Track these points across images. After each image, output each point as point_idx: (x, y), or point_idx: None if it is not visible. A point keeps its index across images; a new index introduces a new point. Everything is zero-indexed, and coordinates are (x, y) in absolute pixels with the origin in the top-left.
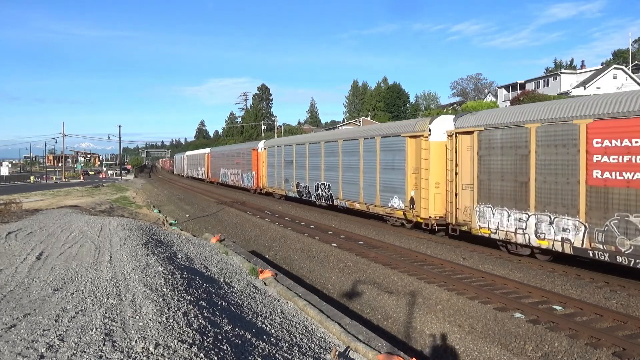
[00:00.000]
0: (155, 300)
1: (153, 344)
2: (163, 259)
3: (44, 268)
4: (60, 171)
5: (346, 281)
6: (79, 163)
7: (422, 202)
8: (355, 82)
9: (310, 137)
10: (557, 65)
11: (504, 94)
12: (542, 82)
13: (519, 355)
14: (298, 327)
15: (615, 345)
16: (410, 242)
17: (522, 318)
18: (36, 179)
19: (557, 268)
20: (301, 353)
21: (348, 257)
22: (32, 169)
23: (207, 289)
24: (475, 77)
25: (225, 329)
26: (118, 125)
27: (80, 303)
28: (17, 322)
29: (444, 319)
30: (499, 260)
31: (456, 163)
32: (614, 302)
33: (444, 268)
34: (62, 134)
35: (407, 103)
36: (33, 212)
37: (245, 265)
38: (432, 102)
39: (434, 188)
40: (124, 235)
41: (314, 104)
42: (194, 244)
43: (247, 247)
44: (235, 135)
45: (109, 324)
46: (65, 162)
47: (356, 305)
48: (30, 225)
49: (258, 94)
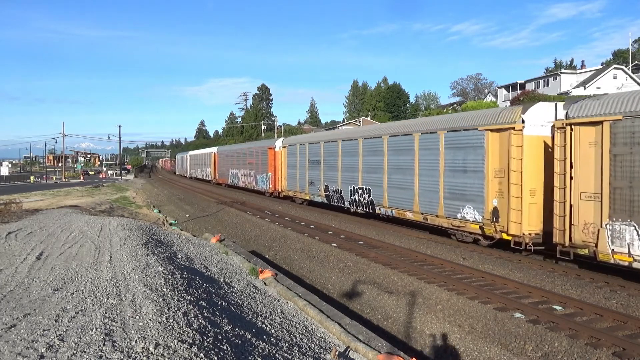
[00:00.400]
0: (155, 300)
1: (153, 344)
2: (163, 259)
3: (44, 268)
4: (60, 171)
5: (346, 281)
6: (79, 163)
7: (510, 214)
8: (355, 82)
9: (343, 133)
10: (557, 65)
11: (504, 94)
12: (542, 82)
13: (519, 355)
14: (298, 327)
15: (615, 345)
16: (410, 242)
17: (522, 318)
18: (36, 179)
19: (557, 268)
20: (301, 353)
21: (348, 257)
22: (32, 169)
23: (207, 289)
24: (475, 77)
25: (225, 329)
26: (118, 125)
27: (80, 303)
28: (17, 322)
29: (444, 319)
30: (499, 260)
31: (570, 164)
32: (614, 302)
33: (444, 268)
34: (62, 134)
35: (407, 103)
36: (33, 212)
37: (245, 265)
38: (432, 102)
39: (529, 196)
40: (124, 235)
41: (314, 104)
42: (194, 244)
43: (247, 247)
44: (235, 135)
45: (109, 324)
46: (65, 162)
47: (356, 305)
48: (30, 225)
49: (258, 94)
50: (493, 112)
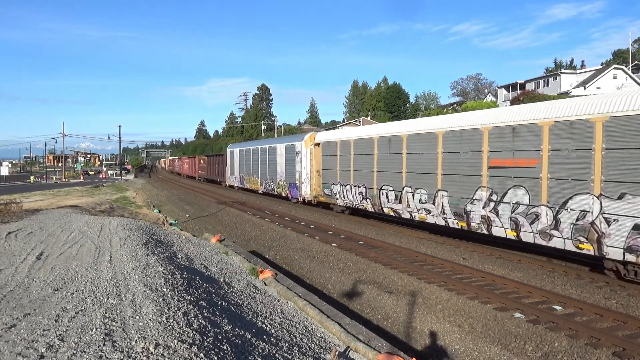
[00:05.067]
0: (155, 300)
1: (153, 344)
2: (163, 259)
3: (44, 268)
4: (60, 171)
5: (346, 281)
6: (79, 163)
7: None
8: (355, 82)
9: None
10: (557, 65)
11: (504, 94)
12: (542, 82)
13: (519, 355)
14: (298, 327)
15: (615, 345)
16: (410, 242)
17: (522, 318)
18: (36, 179)
19: (557, 268)
20: (301, 353)
21: (348, 257)
22: (32, 169)
23: (207, 289)
24: (475, 77)
25: (225, 329)
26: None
27: (80, 303)
28: (17, 322)
29: (444, 319)
30: (499, 261)
31: None
32: (614, 302)
33: (444, 268)
34: (62, 134)
35: (407, 103)
36: (33, 212)
37: (245, 265)
38: (432, 102)
39: None
40: (124, 235)
41: (314, 104)
42: (194, 244)
43: (247, 247)
44: (235, 135)
45: (109, 324)
46: (65, 162)
47: (356, 305)
48: (30, 225)
49: (258, 94)
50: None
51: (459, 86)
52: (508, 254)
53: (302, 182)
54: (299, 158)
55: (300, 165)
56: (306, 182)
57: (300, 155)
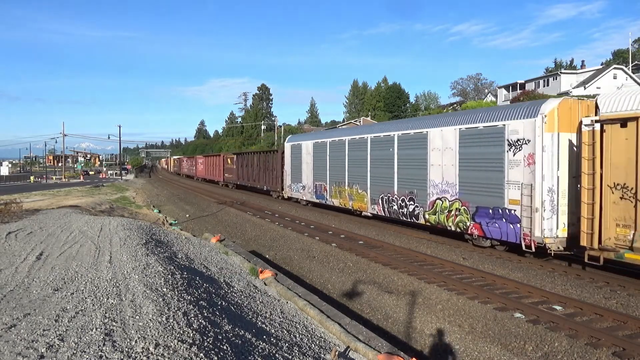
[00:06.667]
0: (155, 300)
1: (153, 344)
2: (163, 259)
3: (44, 268)
4: (60, 171)
5: (346, 281)
6: (79, 163)
7: None
8: (355, 82)
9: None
10: (557, 65)
11: (504, 94)
12: (542, 82)
13: (519, 355)
14: (298, 327)
15: (615, 345)
16: (410, 242)
17: (522, 318)
18: (36, 179)
19: (557, 268)
20: (301, 353)
21: (348, 257)
22: (32, 169)
23: (207, 289)
24: (475, 77)
25: (225, 329)
26: (118, 125)
27: (80, 303)
28: (17, 322)
29: (444, 319)
30: (499, 261)
31: None
32: (614, 302)
33: (444, 268)
34: (62, 134)
35: (407, 103)
36: (33, 212)
37: (245, 265)
38: (432, 102)
39: None
40: (124, 235)
41: (314, 104)
42: (194, 244)
43: (247, 247)
44: (235, 135)
45: (109, 324)
46: (65, 162)
47: (356, 305)
48: (30, 225)
49: (258, 94)
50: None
51: (459, 86)
52: (508, 254)
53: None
54: (524, 156)
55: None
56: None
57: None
